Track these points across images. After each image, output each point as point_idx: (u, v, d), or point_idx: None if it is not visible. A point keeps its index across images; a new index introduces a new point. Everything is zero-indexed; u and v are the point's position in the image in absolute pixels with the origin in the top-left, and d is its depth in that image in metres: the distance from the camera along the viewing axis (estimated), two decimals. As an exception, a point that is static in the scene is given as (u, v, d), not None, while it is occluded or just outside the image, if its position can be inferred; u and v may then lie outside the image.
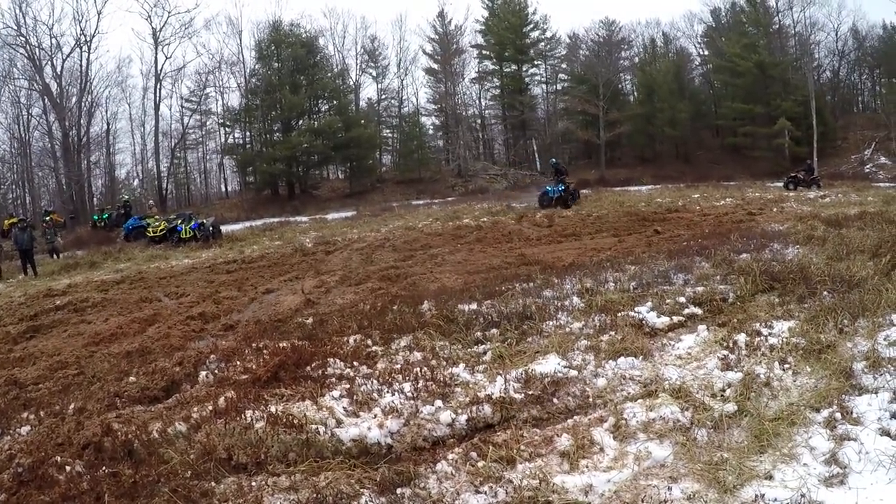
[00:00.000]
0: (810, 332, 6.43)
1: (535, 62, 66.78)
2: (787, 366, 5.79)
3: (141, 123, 55.69)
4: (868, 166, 53.35)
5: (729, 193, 31.61)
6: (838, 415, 4.70)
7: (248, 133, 56.35)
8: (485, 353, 6.80)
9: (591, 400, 5.45)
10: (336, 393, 5.83)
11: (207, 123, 59.12)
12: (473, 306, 8.45)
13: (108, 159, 55.54)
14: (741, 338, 6.52)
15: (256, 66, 54.40)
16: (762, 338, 6.50)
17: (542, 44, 65.83)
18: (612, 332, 6.89)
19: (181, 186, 61.09)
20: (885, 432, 4.36)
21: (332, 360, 6.88)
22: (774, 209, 22.69)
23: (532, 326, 7.39)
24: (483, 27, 64.88)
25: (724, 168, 50.99)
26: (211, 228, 27.31)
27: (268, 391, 6.13)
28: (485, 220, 23.68)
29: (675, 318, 7.57)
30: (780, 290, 8.46)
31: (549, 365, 5.89)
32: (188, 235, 26.49)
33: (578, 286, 9.14)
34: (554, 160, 36.32)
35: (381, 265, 14.78)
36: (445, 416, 5.19)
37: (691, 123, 59.92)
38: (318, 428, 5.10)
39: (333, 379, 6.35)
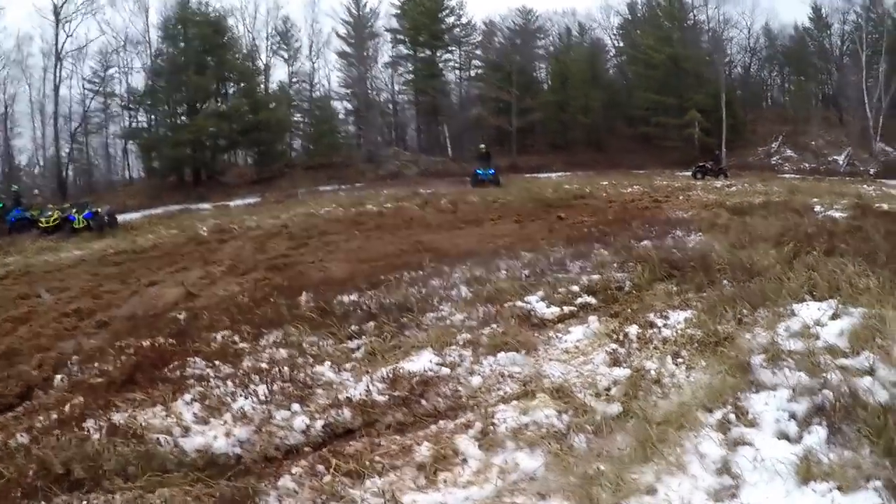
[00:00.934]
0: (707, 323, 6.11)
1: (450, 48, 65.88)
2: (680, 360, 5.46)
3: (41, 106, 52.31)
4: (774, 158, 55.33)
5: (638, 181, 31.75)
6: (733, 416, 4.31)
7: (153, 116, 53.74)
8: (358, 348, 6.30)
9: (462, 401, 5.01)
10: (188, 397, 5.28)
11: (111, 106, 56.17)
12: (354, 297, 7.92)
13: (6, 144, 52.01)
14: (633, 329, 6.19)
15: (162, 46, 51.95)
16: (656, 329, 6.19)
17: (458, 30, 65.03)
18: (496, 325, 6.43)
19: (84, 173, 58.19)
20: (783, 435, 4.02)
21: (193, 359, 6.29)
22: (681, 197, 22.70)
23: (411, 319, 6.90)
24: (398, 11, 63.72)
25: (635, 157, 51.52)
26: (106, 217, 26.11)
27: (121, 396, 5.58)
28: (389, 205, 23.06)
29: (566, 309, 7.22)
30: (679, 278, 8.20)
31: (421, 362, 5.44)
32: (81, 225, 25.13)
33: (468, 275, 8.68)
34: (483, 146, 39.79)
35: (271, 254, 14.13)
36: (300, 421, 4.70)
37: (604, 112, 60.60)
38: (161, 438, 4.56)
39: (192, 381, 5.78)
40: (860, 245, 9.41)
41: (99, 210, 26.81)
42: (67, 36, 48.48)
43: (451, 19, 63.98)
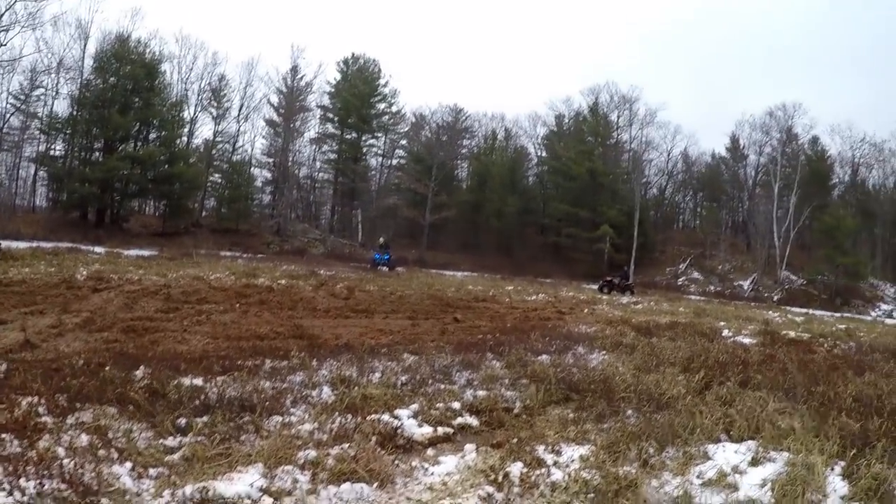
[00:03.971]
0: (607, 464, 5.31)
1: (376, 134, 66.57)
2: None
3: None
4: (682, 279, 57.97)
5: (543, 290, 31.54)
6: None
7: (71, 147, 51.62)
8: (178, 447, 5.15)
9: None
10: None
11: (31, 127, 53.91)
12: (198, 381, 6.75)
13: None
14: (516, 469, 5.24)
15: (91, 77, 50.51)
16: (544, 470, 5.27)
17: (387, 117, 65.80)
18: (350, 444, 5.37)
19: (-15, 191, 55.59)
20: None
21: (-19, 426, 5.06)
22: (585, 310, 22.18)
23: (252, 421, 5.80)
24: (332, 90, 64.14)
25: (543, 265, 52.33)
26: None
27: None
28: (282, 282, 21.84)
29: (441, 430, 6.27)
30: (578, 402, 7.50)
31: (242, 484, 4.33)
32: None
33: (337, 373, 7.65)
34: (383, 239, 40.55)
35: (137, 314, 12.73)
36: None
37: (518, 218, 61.49)
38: None
39: None
40: (777, 377, 8.99)
41: None
42: (1, 45, 46.22)
43: (382, 105, 65.00)
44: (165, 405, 5.96)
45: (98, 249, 32.06)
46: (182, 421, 5.64)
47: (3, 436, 4.95)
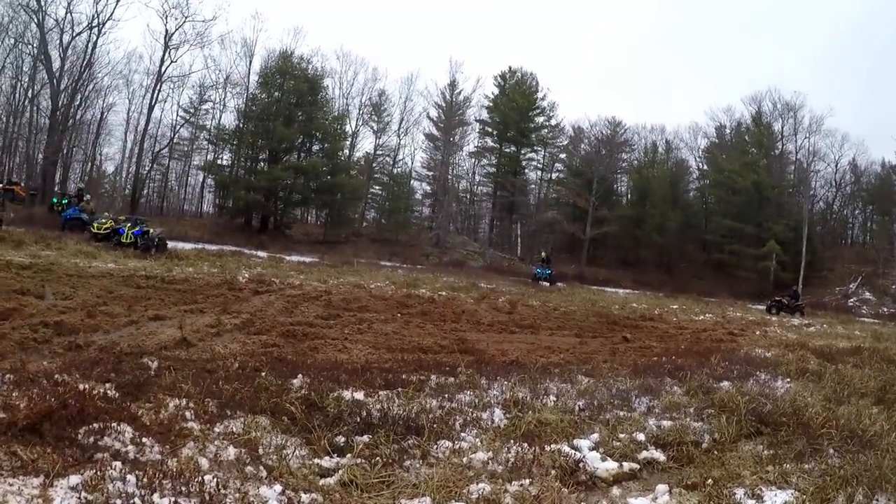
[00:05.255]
0: None
1: (535, 147, 66.06)
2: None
3: (137, 123, 53.11)
4: (852, 300, 53.76)
5: (709, 309, 30.20)
6: None
7: (235, 157, 54.25)
8: (334, 470, 4.57)
9: None
10: (76, 480, 3.74)
11: (199, 138, 56.98)
12: (359, 395, 6.20)
13: (94, 148, 53.77)
14: (717, 515, 4.41)
15: (257, 92, 52.78)
16: (747, 519, 4.43)
17: (546, 130, 65.21)
18: (528, 480, 4.62)
19: (159, 194, 59.27)
20: None
21: (123, 425, 4.67)
22: (757, 332, 20.96)
23: (418, 445, 5.15)
24: (490, 104, 64.26)
25: (706, 283, 50.22)
26: (156, 240, 25.95)
27: (20, 445, 4.10)
28: (443, 293, 21.57)
29: (627, 466, 5.48)
30: (770, 437, 6.60)
31: (406, 523, 3.66)
32: (129, 241, 25.13)
33: (509, 394, 6.94)
34: (544, 253, 42.37)
35: (297, 319, 12.55)
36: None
37: (679, 234, 59.29)
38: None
39: (102, 455, 4.22)
40: None
41: (151, 230, 26.61)
42: (172, 61, 49.35)
43: (540, 119, 64.57)
44: (323, 420, 5.46)
45: (260, 254, 33.09)
46: (341, 439, 5.11)
47: (145, 440, 4.54)
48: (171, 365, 6.95)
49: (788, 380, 10.23)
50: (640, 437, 6.12)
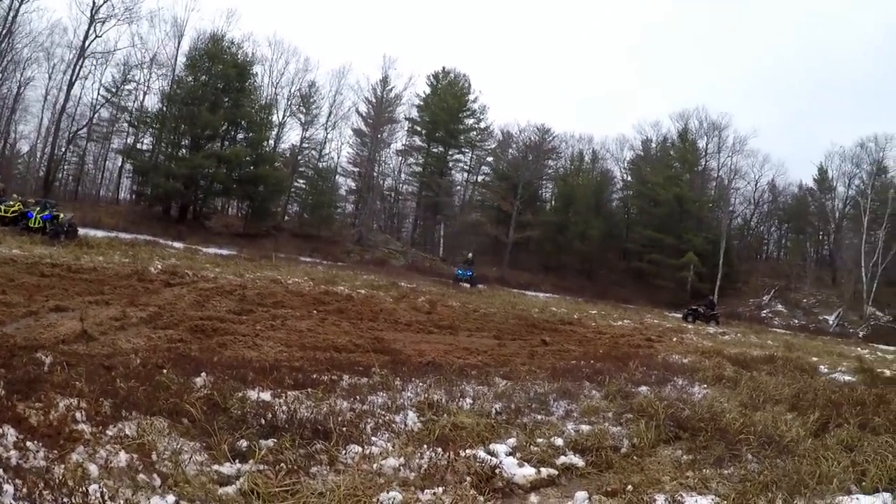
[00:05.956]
0: None
1: (463, 149, 65.92)
2: None
3: (56, 100, 49.84)
4: (765, 311, 55.83)
5: (627, 315, 30.71)
6: None
7: (158, 142, 51.66)
8: (235, 477, 4.24)
9: None
10: None
11: (120, 120, 54.50)
12: (267, 396, 5.87)
13: (8, 126, 49.97)
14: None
15: (183, 74, 50.86)
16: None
17: (475, 133, 65.10)
18: (441, 488, 4.38)
19: (75, 178, 56.25)
20: None
21: (6, 427, 4.28)
22: (674, 339, 21.50)
23: (326, 450, 4.84)
24: (421, 103, 63.88)
25: (625, 290, 51.23)
26: (66, 226, 24.76)
27: None
28: (362, 291, 21.22)
29: (545, 472, 5.34)
30: (689, 442, 6.68)
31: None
32: (37, 225, 23.96)
33: (423, 396, 6.70)
34: (470, 254, 42.03)
35: (207, 313, 12.04)
36: None
37: (601, 242, 60.07)
38: None
39: None
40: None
41: (61, 216, 25.32)
42: (97, 36, 46.92)
43: (470, 121, 64.51)
44: (226, 422, 5.12)
45: (176, 244, 32.21)
46: (244, 444, 4.77)
47: (30, 444, 4.14)
48: (67, 360, 6.50)
49: (705, 386, 10.45)
50: (559, 441, 6.00)
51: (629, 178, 68.48)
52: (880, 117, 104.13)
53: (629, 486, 5.11)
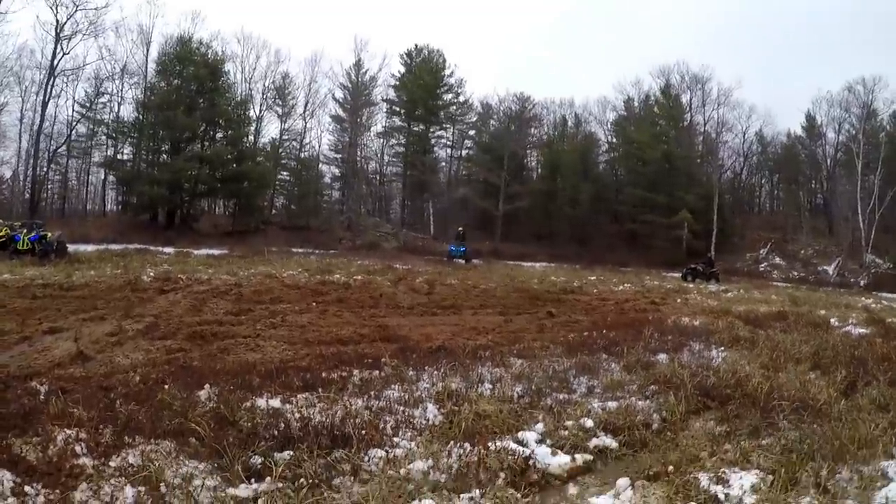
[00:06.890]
0: (783, 495, 4.20)
1: (444, 125, 65.41)
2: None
3: (32, 122, 49.62)
4: (763, 265, 55.32)
5: (627, 279, 30.19)
6: None
7: (136, 151, 51.65)
8: (253, 499, 3.89)
9: None
10: None
11: (98, 133, 54.03)
12: (276, 402, 5.51)
13: None
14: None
15: (156, 80, 50.59)
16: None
17: (454, 107, 64.60)
18: (477, 491, 4.03)
19: (60, 196, 55.76)
20: None
21: (1, 471, 3.92)
22: (678, 300, 21.20)
23: (347, 457, 4.49)
24: (397, 82, 63.24)
25: (620, 254, 50.51)
26: (55, 244, 24.24)
27: None
28: (358, 278, 20.84)
29: (580, 458, 5.01)
30: (719, 411, 6.38)
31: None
32: (25, 247, 23.43)
33: (440, 386, 6.37)
34: (461, 229, 42.15)
35: (205, 317, 11.70)
36: None
37: (592, 206, 59.55)
38: None
39: None
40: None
41: (48, 234, 24.83)
42: (64, 53, 46.73)
43: (448, 96, 63.99)
44: (236, 437, 4.75)
45: (167, 250, 31.78)
46: (257, 460, 4.40)
47: (28, 488, 3.79)
48: (63, 386, 6.13)
49: (722, 349, 10.12)
50: (589, 423, 5.67)
51: (614, 140, 67.73)
52: (871, 54, 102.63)
53: (670, 467, 4.78)
